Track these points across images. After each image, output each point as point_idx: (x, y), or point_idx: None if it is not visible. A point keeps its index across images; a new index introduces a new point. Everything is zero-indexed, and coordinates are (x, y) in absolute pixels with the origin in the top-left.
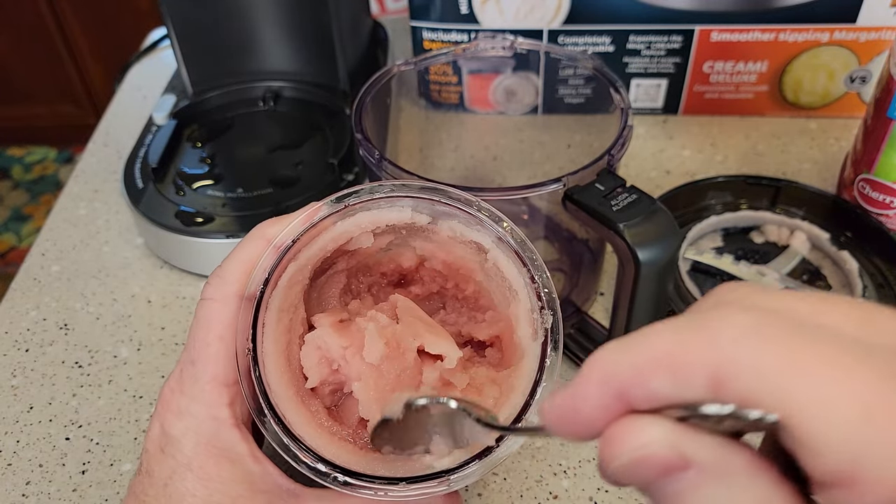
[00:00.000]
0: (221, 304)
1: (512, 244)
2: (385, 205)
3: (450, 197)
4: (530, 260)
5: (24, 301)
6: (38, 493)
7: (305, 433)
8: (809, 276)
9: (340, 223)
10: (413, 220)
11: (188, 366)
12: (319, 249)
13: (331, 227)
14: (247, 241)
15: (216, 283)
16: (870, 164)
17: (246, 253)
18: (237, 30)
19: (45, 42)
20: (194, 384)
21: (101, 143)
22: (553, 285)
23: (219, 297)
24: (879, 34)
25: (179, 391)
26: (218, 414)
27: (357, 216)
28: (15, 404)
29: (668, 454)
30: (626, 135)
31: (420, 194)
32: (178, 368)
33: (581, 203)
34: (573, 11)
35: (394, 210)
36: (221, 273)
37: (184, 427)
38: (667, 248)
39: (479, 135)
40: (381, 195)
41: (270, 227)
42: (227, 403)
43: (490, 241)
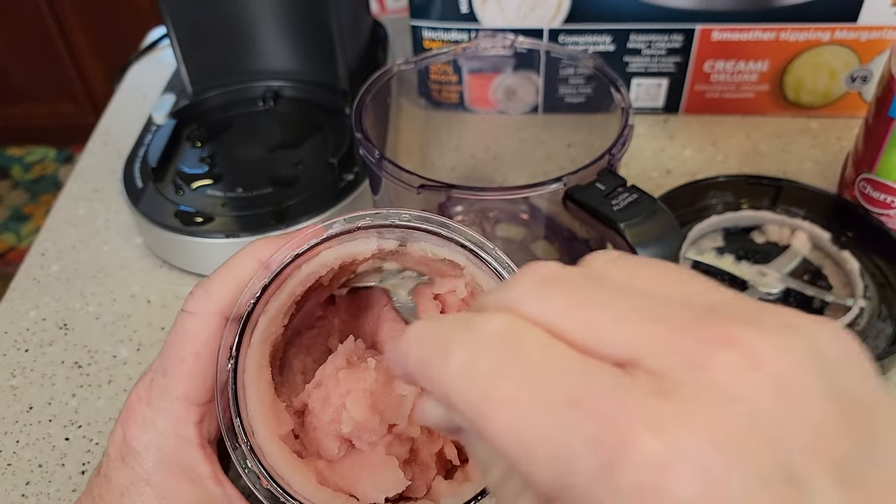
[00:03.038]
0: (202, 319)
1: (491, 263)
2: (348, 238)
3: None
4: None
5: (23, 301)
6: (37, 494)
7: (276, 462)
8: (810, 276)
9: (305, 266)
10: (380, 248)
11: (159, 376)
12: (299, 283)
13: (296, 270)
14: (238, 259)
15: (200, 297)
16: (871, 164)
17: (236, 271)
18: (237, 29)
19: (45, 42)
20: (163, 397)
21: (101, 143)
22: None
23: (201, 311)
24: (881, 33)
25: (147, 401)
26: (183, 432)
27: (321, 255)
28: (15, 404)
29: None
30: (626, 134)
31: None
32: (149, 377)
33: (582, 202)
34: (574, 10)
35: (359, 243)
36: (207, 287)
37: (147, 440)
38: (668, 248)
39: (479, 134)
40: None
41: (265, 248)
42: (194, 422)
43: (464, 259)
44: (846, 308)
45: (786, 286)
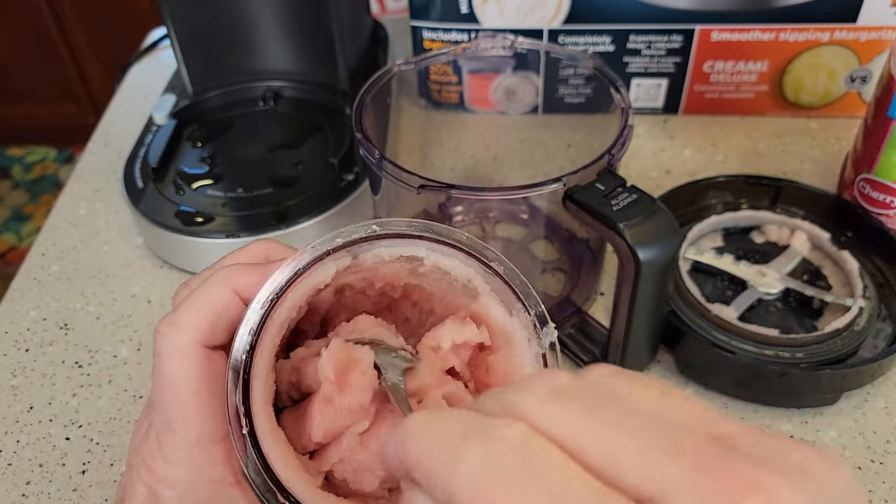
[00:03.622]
0: (184, 357)
1: (460, 245)
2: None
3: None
4: (480, 253)
5: (24, 301)
6: (38, 493)
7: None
8: (810, 276)
9: (276, 313)
10: (337, 269)
11: (165, 432)
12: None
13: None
14: (208, 286)
15: (172, 333)
16: (870, 164)
17: (206, 298)
18: (237, 30)
19: (45, 42)
20: (177, 450)
21: (102, 143)
22: (512, 266)
23: (178, 349)
24: (880, 34)
25: (163, 459)
26: (213, 476)
27: (288, 298)
28: (15, 404)
29: None
30: (626, 134)
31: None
32: (153, 434)
33: (581, 203)
34: (573, 11)
35: (317, 272)
36: (177, 321)
37: (177, 496)
38: (667, 248)
39: (479, 134)
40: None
41: (236, 275)
42: (220, 461)
43: (424, 250)
44: (845, 308)
45: (785, 286)
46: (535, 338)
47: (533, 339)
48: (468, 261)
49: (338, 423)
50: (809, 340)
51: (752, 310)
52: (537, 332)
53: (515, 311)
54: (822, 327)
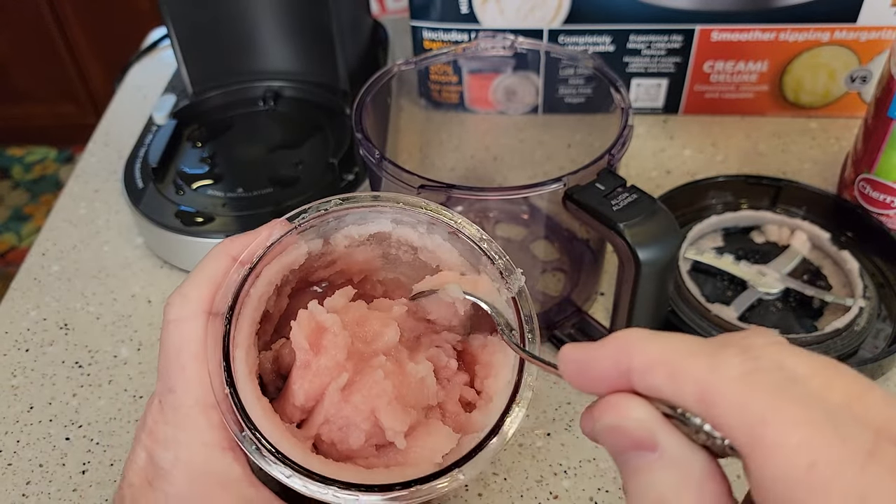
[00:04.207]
0: (190, 323)
1: (423, 208)
2: (279, 251)
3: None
4: (443, 216)
5: (24, 301)
6: (38, 493)
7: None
8: (810, 276)
9: (253, 289)
10: (309, 251)
11: (167, 395)
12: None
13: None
14: (210, 258)
15: (180, 303)
16: (870, 164)
17: (209, 270)
18: (237, 30)
19: (45, 42)
20: (177, 412)
21: (102, 143)
22: (473, 224)
23: (185, 316)
24: (880, 34)
25: (163, 421)
26: (207, 439)
27: (262, 276)
28: (15, 404)
29: (644, 433)
30: (626, 134)
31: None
32: (157, 399)
33: (581, 203)
34: (573, 11)
35: (290, 252)
36: (184, 292)
37: (173, 457)
38: (667, 248)
39: (479, 134)
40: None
41: (233, 244)
42: (216, 426)
43: (389, 223)
44: (845, 308)
45: (785, 286)
46: (504, 285)
47: (502, 288)
48: (433, 228)
49: (317, 382)
50: (809, 340)
51: (753, 310)
52: (505, 279)
53: (482, 266)
54: (822, 327)
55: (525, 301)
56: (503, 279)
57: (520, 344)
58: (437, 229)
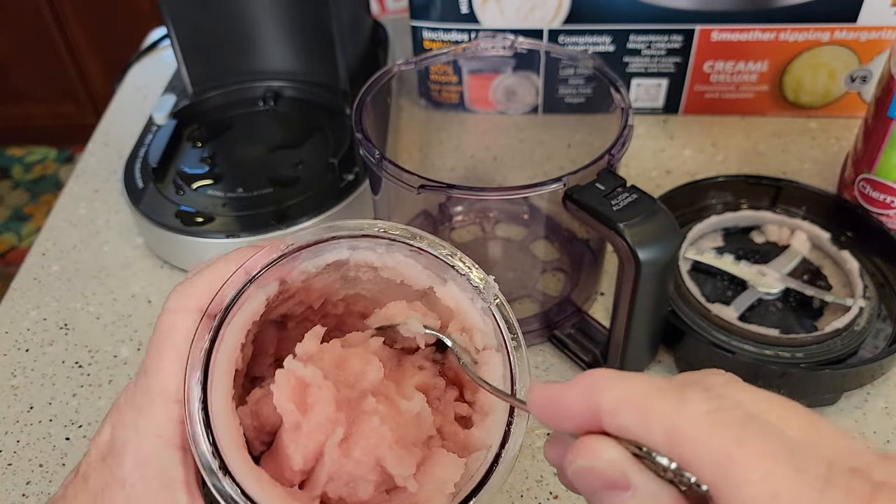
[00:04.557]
0: (183, 316)
1: (376, 234)
2: (237, 307)
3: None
4: (399, 236)
5: (24, 301)
6: (38, 493)
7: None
8: (810, 276)
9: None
10: (268, 297)
11: (142, 376)
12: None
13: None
14: (222, 262)
15: (181, 296)
16: (870, 164)
17: (218, 273)
18: (237, 30)
19: (45, 42)
20: (144, 395)
21: (102, 143)
22: (434, 237)
23: (181, 308)
24: (880, 34)
25: (130, 402)
26: (162, 432)
27: (226, 339)
28: (15, 404)
29: (617, 473)
30: (626, 134)
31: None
32: (134, 380)
33: (581, 203)
34: (573, 11)
35: (249, 307)
36: (188, 286)
37: (126, 439)
38: (667, 248)
39: (479, 134)
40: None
41: (250, 257)
42: (173, 420)
43: (346, 251)
44: (846, 308)
45: (785, 286)
46: (478, 295)
47: (476, 298)
48: (392, 246)
49: (313, 443)
50: (809, 340)
51: (752, 310)
52: (478, 290)
53: (450, 278)
54: (822, 327)
55: (503, 307)
56: (475, 289)
57: (478, 376)
58: (397, 247)
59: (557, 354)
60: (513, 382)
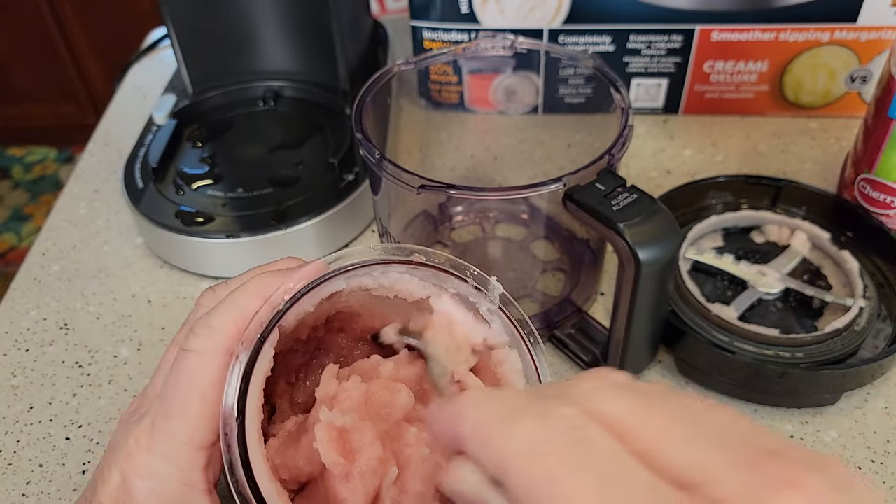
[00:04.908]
0: (207, 358)
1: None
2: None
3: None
4: (395, 257)
5: (24, 301)
6: (38, 493)
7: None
8: (810, 276)
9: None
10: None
11: (162, 420)
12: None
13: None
14: (243, 294)
15: (205, 335)
16: (870, 164)
17: (239, 307)
18: (237, 30)
19: (45, 42)
20: (167, 442)
21: (102, 143)
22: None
23: (205, 350)
24: (880, 34)
25: (147, 448)
26: (189, 478)
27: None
28: (15, 404)
29: (475, 496)
30: (626, 134)
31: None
32: (149, 420)
33: (581, 203)
34: (573, 11)
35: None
36: (211, 324)
37: (149, 489)
38: (667, 248)
39: (479, 134)
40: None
41: (271, 285)
42: (201, 467)
43: (343, 283)
44: (846, 308)
45: (785, 286)
46: (484, 298)
47: (482, 300)
48: (388, 267)
49: (369, 486)
50: (809, 340)
51: (753, 310)
52: (483, 292)
53: (450, 286)
54: (822, 327)
55: (511, 306)
56: (480, 292)
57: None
58: (394, 266)
59: (557, 354)
60: (539, 375)
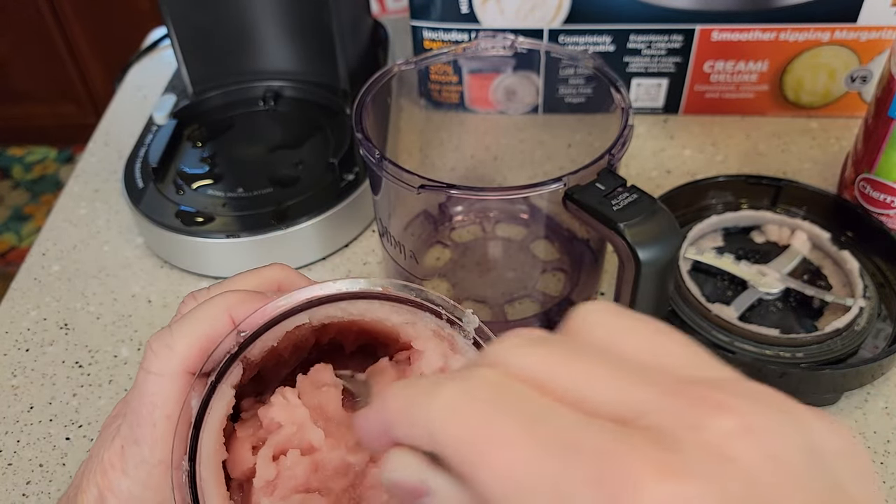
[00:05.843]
0: (169, 380)
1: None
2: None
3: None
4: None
5: (24, 301)
6: (38, 493)
7: None
8: (810, 276)
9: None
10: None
11: (131, 445)
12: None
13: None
14: (207, 312)
15: (164, 356)
16: (870, 164)
17: (202, 328)
18: (237, 30)
19: (45, 42)
20: (139, 466)
21: (102, 143)
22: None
23: (167, 372)
24: (880, 34)
25: (121, 470)
26: (164, 499)
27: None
28: (15, 404)
29: (413, 481)
30: (626, 134)
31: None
32: (118, 443)
33: (581, 203)
34: (574, 11)
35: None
36: (171, 344)
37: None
38: (667, 248)
39: (479, 134)
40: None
41: (238, 305)
42: (177, 486)
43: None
44: (846, 308)
45: (785, 286)
46: (459, 333)
47: (457, 335)
48: (354, 302)
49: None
50: (809, 340)
51: (753, 310)
52: (458, 325)
53: (422, 320)
54: (823, 327)
55: (489, 339)
56: (455, 326)
57: None
58: (360, 300)
59: None
60: None
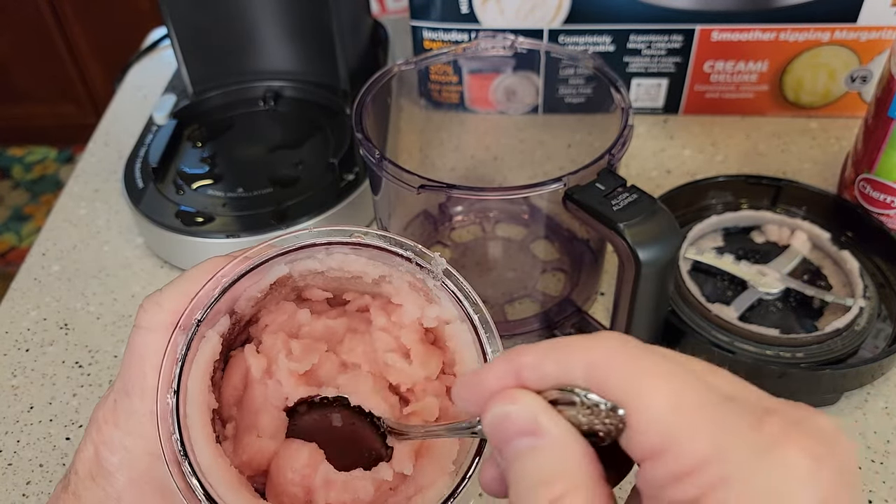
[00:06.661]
0: (158, 334)
1: (314, 243)
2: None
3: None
4: (335, 239)
5: (24, 301)
6: (38, 493)
7: (216, 480)
8: (810, 276)
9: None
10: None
11: (122, 397)
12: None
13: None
14: (194, 273)
15: (153, 311)
16: (870, 164)
17: (191, 286)
18: (237, 30)
19: (45, 42)
20: (129, 418)
21: (102, 143)
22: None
23: (155, 326)
24: (880, 34)
25: (114, 423)
26: (155, 449)
27: (190, 392)
28: (15, 404)
29: (529, 418)
30: (626, 134)
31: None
32: (112, 398)
33: (581, 203)
34: (574, 11)
35: (205, 351)
36: (160, 301)
37: (118, 461)
38: (667, 248)
39: (479, 134)
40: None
41: (222, 265)
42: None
43: (285, 267)
44: (846, 308)
45: (785, 286)
46: (428, 275)
47: (427, 277)
48: (332, 249)
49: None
50: (809, 340)
51: (753, 310)
52: (427, 268)
53: (395, 265)
54: (823, 327)
55: (457, 281)
56: (424, 269)
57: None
58: (336, 248)
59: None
60: (483, 350)
